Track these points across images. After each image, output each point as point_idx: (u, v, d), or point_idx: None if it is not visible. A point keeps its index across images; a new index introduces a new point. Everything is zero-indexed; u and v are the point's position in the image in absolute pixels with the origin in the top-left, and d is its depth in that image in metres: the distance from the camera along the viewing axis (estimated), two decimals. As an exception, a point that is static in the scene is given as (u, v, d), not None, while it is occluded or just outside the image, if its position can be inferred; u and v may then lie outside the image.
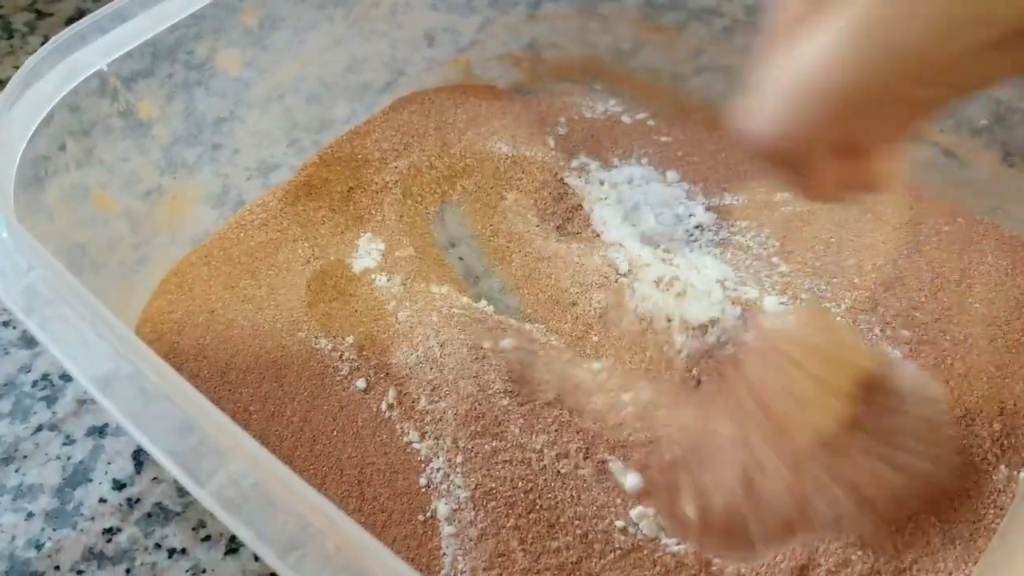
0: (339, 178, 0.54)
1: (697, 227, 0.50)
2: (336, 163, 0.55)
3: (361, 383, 0.43)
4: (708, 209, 0.51)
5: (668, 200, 0.51)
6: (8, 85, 0.41)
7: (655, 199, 0.51)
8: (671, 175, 0.53)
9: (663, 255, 0.48)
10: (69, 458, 0.43)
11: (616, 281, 0.46)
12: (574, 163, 0.54)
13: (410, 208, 0.53)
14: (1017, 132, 0.50)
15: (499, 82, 0.61)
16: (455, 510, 0.37)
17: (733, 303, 0.44)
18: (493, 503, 0.37)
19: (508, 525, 0.37)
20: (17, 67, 0.46)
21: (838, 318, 0.45)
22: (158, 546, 0.40)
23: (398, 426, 0.41)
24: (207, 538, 0.40)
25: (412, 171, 0.54)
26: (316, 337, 0.45)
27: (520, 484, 0.38)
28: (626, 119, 0.57)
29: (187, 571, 0.39)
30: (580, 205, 0.52)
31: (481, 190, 0.54)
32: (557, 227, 0.51)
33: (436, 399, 0.41)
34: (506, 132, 0.55)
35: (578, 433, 0.40)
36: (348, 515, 0.27)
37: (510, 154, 0.54)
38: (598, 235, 0.50)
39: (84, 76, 0.44)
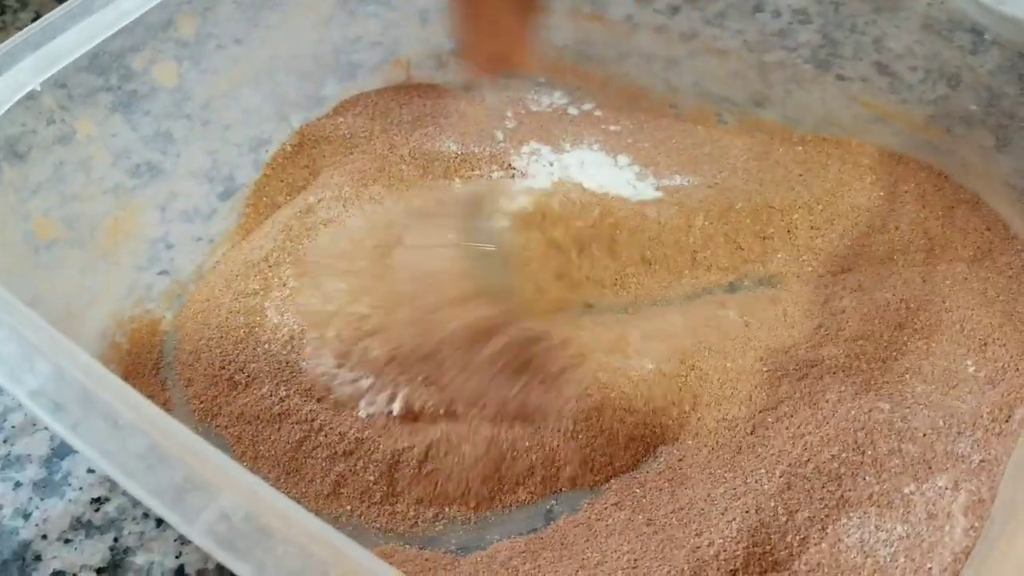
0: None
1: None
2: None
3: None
4: (658, 190, 0.51)
5: (619, 183, 0.52)
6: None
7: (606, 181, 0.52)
8: (622, 159, 0.53)
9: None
10: (58, 428, 0.43)
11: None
12: (524, 148, 0.54)
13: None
14: (1007, 118, 0.51)
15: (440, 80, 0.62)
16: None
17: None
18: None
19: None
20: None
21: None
22: (146, 515, 0.40)
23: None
24: (194, 509, 0.40)
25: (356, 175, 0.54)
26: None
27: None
28: (573, 110, 0.57)
29: (175, 540, 0.39)
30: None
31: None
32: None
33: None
34: (454, 130, 0.55)
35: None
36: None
37: (458, 152, 0.54)
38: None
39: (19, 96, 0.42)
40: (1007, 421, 0.40)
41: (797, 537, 0.37)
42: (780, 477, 0.38)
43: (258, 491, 0.27)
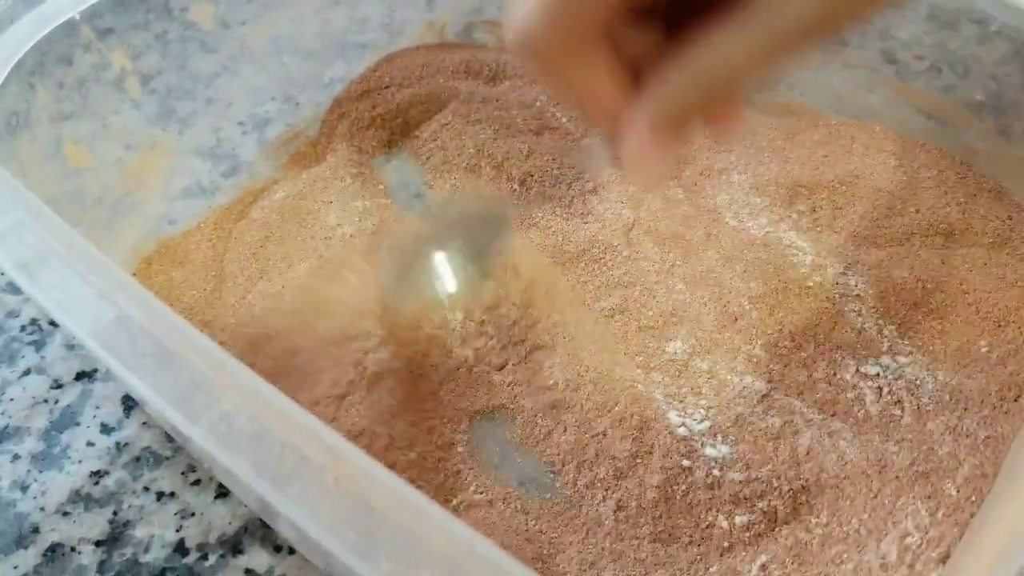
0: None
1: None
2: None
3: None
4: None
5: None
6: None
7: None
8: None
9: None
10: (57, 402, 0.42)
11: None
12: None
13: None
14: (1013, 106, 0.51)
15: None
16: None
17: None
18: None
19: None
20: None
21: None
22: (146, 489, 0.39)
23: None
24: (196, 482, 0.39)
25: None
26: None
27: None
28: None
29: (175, 514, 0.38)
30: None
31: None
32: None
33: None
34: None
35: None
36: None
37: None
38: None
39: (54, 25, 0.43)
40: (1016, 400, 0.40)
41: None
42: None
43: (260, 391, 0.27)
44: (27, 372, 0.43)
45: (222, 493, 0.39)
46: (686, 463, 0.39)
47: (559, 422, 0.40)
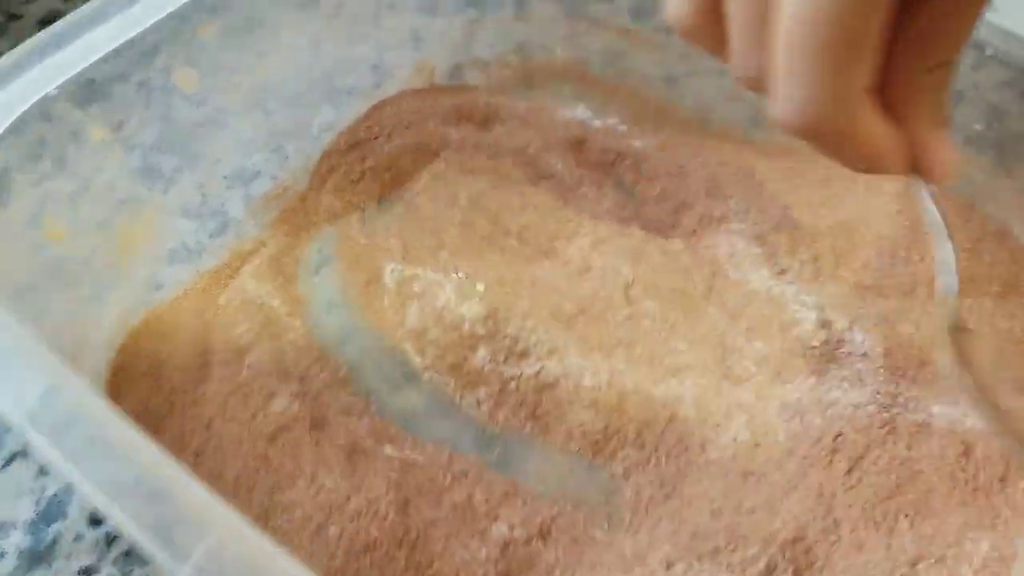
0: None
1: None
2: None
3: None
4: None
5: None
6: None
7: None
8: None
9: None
10: (44, 491, 0.41)
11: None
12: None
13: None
14: (1012, 137, 0.49)
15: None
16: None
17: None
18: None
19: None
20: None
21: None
22: (138, 586, 0.38)
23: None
24: (189, 578, 0.38)
25: None
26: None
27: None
28: (597, 123, 0.55)
29: (168, 614, 0.37)
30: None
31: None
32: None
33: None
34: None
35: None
36: None
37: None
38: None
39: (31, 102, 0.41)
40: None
41: None
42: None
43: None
44: (11, 459, 0.42)
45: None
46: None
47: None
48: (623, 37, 0.57)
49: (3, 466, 0.42)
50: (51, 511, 0.40)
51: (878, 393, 0.42)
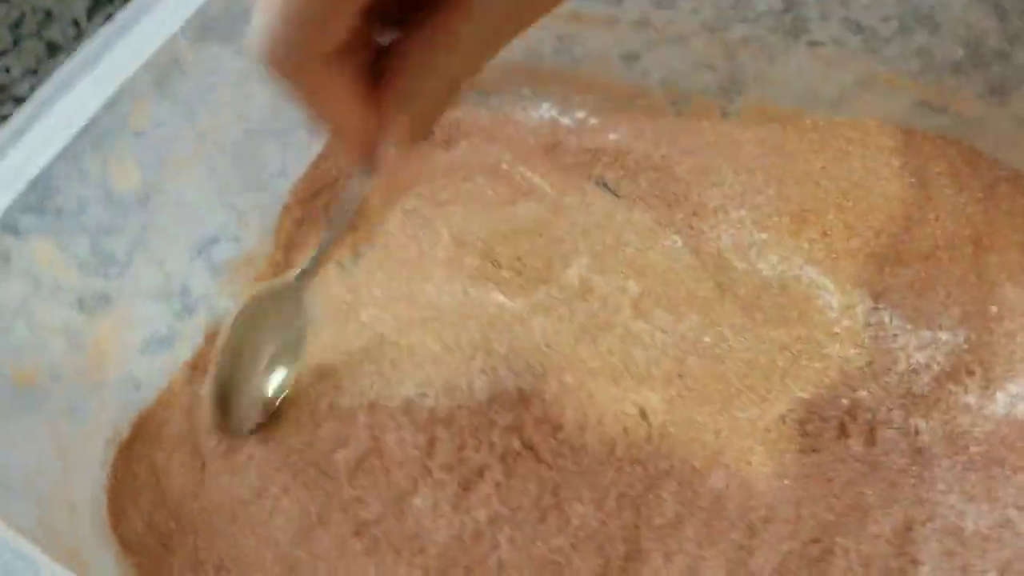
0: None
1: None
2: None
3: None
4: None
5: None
6: None
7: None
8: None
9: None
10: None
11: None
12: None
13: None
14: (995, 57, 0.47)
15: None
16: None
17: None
18: None
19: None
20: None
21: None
22: None
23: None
24: None
25: None
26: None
27: None
28: (566, 121, 0.52)
29: None
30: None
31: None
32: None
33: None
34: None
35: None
36: None
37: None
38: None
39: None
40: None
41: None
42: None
43: None
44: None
45: None
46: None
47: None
48: (571, 21, 0.53)
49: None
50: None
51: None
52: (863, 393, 0.40)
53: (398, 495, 0.39)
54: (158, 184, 0.47)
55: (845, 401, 0.40)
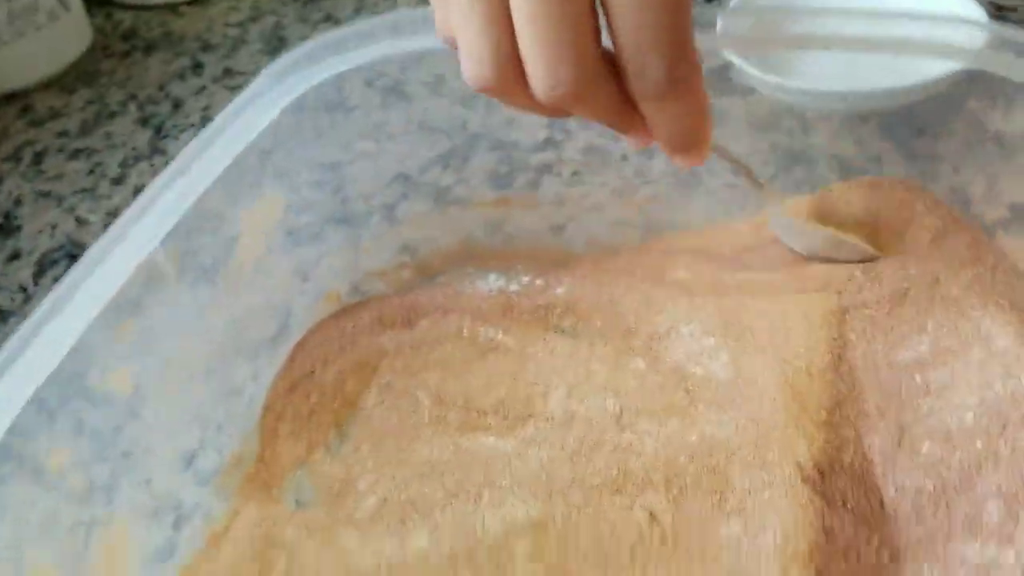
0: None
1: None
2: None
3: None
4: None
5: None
6: None
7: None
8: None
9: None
10: None
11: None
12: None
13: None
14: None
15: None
16: None
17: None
18: None
19: None
20: None
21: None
22: None
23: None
24: None
25: None
26: None
27: None
28: (514, 287, 0.56)
29: None
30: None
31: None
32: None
33: None
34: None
35: None
36: None
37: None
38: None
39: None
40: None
41: None
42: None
43: None
44: None
45: None
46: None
47: None
48: (498, 207, 0.60)
49: None
50: None
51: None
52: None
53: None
54: (130, 409, 0.48)
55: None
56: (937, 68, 0.53)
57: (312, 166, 0.56)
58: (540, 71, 0.31)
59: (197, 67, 0.82)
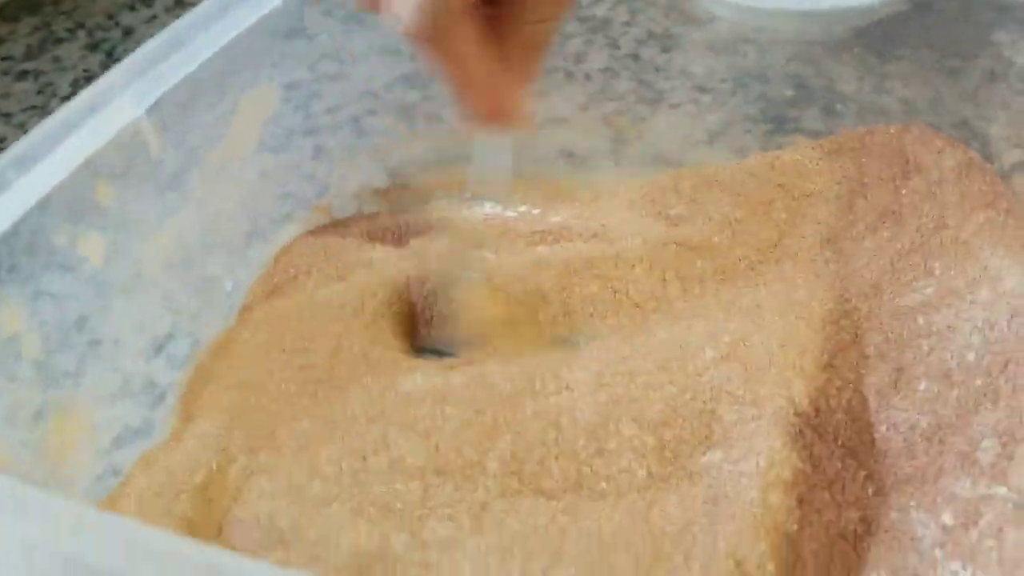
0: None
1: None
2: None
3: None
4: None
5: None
6: None
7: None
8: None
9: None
10: None
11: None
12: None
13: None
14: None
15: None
16: None
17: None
18: None
19: None
20: None
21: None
22: None
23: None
24: None
25: None
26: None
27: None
28: (511, 213, 0.54)
29: None
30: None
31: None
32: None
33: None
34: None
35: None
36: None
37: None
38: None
39: None
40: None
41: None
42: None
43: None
44: None
45: None
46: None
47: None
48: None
49: None
50: None
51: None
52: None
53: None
54: (104, 300, 0.46)
55: None
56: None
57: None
58: None
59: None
